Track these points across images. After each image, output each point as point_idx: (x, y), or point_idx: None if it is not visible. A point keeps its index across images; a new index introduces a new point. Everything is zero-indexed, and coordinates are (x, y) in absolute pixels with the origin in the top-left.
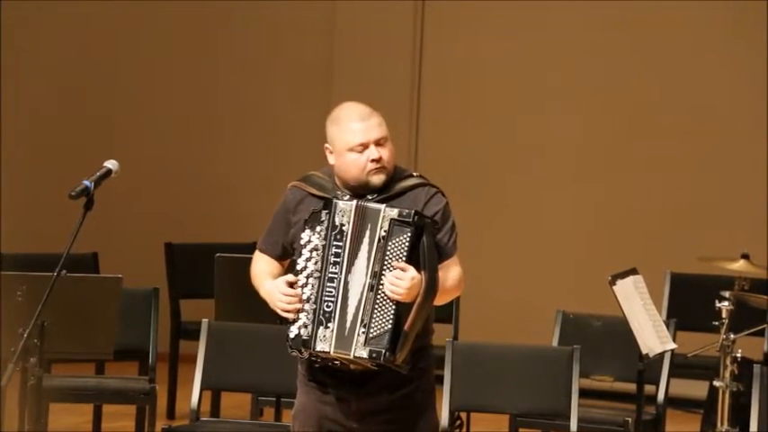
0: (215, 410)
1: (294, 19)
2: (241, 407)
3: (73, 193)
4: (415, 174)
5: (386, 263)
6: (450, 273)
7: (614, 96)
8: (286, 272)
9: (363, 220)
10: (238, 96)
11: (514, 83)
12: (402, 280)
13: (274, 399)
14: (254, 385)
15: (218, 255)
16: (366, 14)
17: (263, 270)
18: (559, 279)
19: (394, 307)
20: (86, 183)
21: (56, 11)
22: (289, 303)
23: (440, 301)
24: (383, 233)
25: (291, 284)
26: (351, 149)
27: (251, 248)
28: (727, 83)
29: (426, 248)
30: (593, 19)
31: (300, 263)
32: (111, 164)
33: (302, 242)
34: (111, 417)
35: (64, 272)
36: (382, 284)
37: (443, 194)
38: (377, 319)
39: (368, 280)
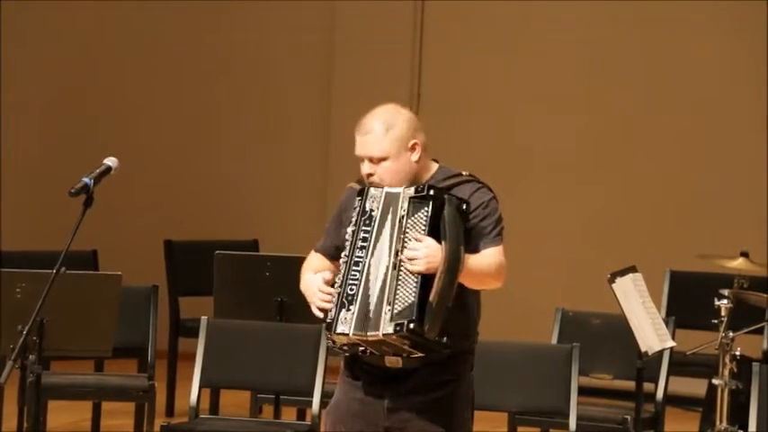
0: (214, 408)
1: (294, 18)
2: (240, 404)
3: (72, 191)
4: (464, 173)
5: (405, 239)
6: (490, 258)
7: (614, 95)
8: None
9: (388, 205)
10: (238, 95)
11: (514, 83)
12: (417, 250)
13: (273, 396)
14: (254, 383)
15: (217, 252)
16: (366, 14)
17: (310, 266)
18: (559, 277)
19: (416, 280)
20: (86, 180)
21: (57, 10)
22: (324, 301)
23: (477, 284)
24: (403, 212)
25: (330, 283)
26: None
27: (250, 246)
28: (726, 80)
29: (446, 220)
30: (592, 18)
31: (342, 256)
32: (110, 161)
33: (346, 236)
34: (110, 414)
35: (63, 269)
36: (402, 260)
37: (491, 189)
38: (401, 294)
39: (390, 260)
